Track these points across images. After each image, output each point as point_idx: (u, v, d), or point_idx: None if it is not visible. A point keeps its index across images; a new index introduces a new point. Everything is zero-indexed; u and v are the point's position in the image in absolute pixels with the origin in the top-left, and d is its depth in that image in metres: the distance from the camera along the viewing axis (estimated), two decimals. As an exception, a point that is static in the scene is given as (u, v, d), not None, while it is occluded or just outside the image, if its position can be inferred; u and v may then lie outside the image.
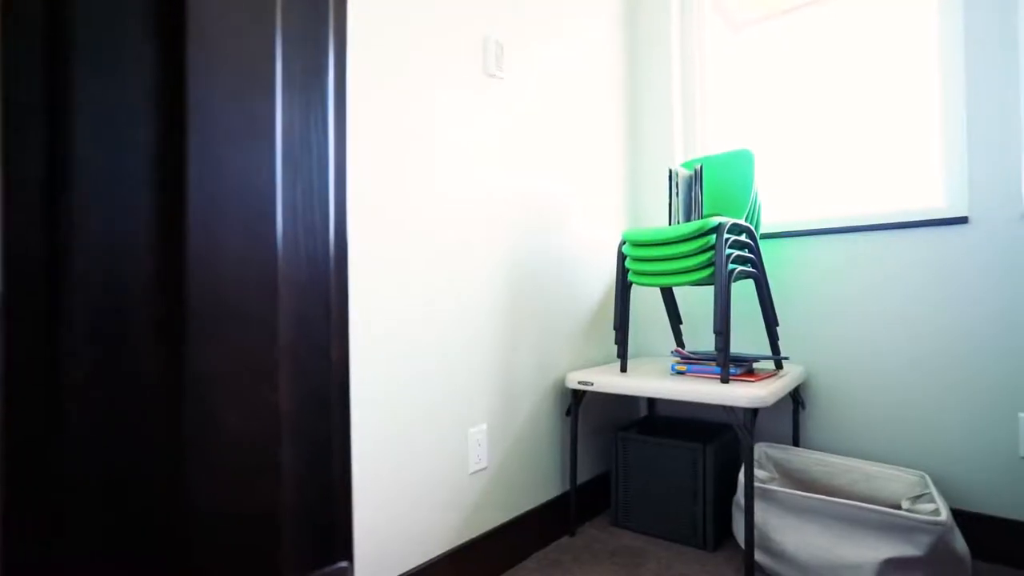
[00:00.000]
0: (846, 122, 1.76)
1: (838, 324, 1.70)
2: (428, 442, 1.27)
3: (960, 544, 1.29)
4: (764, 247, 1.82)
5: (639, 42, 2.13)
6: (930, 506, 1.33)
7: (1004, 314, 1.46)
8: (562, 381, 1.72)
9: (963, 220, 1.51)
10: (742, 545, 1.49)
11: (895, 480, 1.50)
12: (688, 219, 1.63)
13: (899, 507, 1.45)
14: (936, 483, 1.54)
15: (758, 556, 1.41)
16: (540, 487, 1.61)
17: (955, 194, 1.55)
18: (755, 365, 1.70)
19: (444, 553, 1.29)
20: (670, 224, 1.64)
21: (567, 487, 1.71)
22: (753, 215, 1.66)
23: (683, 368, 1.58)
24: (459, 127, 1.38)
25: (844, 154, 1.76)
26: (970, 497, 1.49)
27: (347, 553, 0.29)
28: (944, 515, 1.24)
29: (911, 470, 1.49)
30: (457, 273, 1.36)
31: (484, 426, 1.42)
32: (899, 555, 1.23)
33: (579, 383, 1.62)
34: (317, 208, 0.28)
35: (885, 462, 1.61)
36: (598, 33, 1.95)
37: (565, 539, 1.63)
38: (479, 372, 1.42)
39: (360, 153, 1.14)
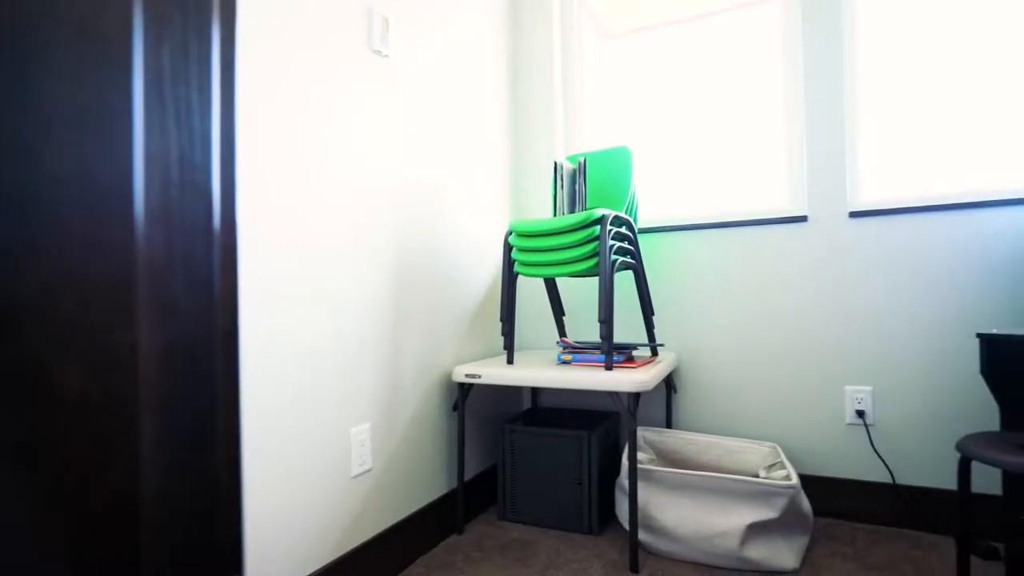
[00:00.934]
0: (708, 129, 1.92)
1: (702, 312, 1.84)
2: (304, 444, 1.14)
3: (806, 504, 1.46)
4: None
5: (522, 37, 2.15)
6: (782, 472, 1.48)
7: (833, 300, 1.67)
8: (448, 375, 1.67)
9: (803, 219, 1.71)
10: (626, 526, 1.54)
11: (752, 452, 1.65)
12: (572, 211, 1.66)
13: (757, 476, 1.60)
14: (785, 452, 1.72)
15: (641, 535, 1.47)
16: (427, 486, 1.53)
17: (797, 196, 1.75)
18: (634, 352, 1.78)
19: (324, 567, 1.16)
20: (555, 216, 1.66)
21: (454, 484, 1.65)
22: (631, 209, 1.74)
23: (568, 357, 1.60)
24: (339, 104, 1.27)
25: (706, 158, 1.92)
26: (810, 462, 1.69)
27: (236, 563, 0.22)
28: (794, 480, 1.38)
29: (765, 442, 1.65)
30: (335, 262, 1.25)
31: (367, 425, 1.32)
32: (760, 519, 1.35)
33: (467, 376, 1.58)
34: (195, 84, 0.20)
35: (743, 437, 1.78)
36: (483, 24, 1.92)
37: (453, 538, 1.57)
38: (361, 367, 1.31)
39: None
